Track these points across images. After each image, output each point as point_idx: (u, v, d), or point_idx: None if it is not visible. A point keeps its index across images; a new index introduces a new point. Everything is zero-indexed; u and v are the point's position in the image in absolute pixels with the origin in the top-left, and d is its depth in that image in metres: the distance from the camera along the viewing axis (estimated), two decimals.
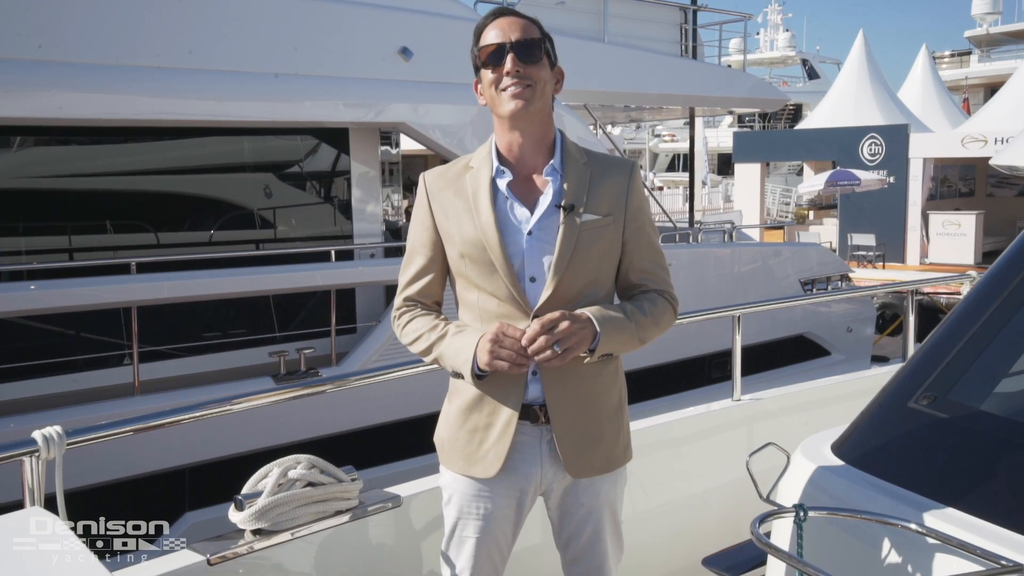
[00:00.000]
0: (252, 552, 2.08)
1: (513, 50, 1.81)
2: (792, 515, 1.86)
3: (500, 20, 1.85)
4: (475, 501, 1.91)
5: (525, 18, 1.88)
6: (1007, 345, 2.14)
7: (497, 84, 1.83)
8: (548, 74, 1.87)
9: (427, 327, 1.91)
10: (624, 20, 10.50)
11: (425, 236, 1.94)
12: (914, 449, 2.03)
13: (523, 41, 1.82)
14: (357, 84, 7.52)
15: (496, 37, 1.83)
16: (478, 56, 1.86)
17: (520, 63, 1.81)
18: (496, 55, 1.82)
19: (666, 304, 1.93)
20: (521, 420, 1.86)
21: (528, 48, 1.82)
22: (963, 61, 40.67)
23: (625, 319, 1.84)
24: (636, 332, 1.85)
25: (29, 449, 1.85)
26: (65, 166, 6.85)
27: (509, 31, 1.83)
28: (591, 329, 1.77)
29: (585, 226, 1.84)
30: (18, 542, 1.45)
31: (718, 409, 3.31)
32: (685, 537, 3.02)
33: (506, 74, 1.81)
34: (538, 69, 1.83)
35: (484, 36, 1.86)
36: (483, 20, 1.88)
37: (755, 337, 9.31)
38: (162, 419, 2.16)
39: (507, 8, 1.91)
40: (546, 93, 1.86)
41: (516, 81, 1.81)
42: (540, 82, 1.83)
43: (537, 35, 1.85)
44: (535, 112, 1.84)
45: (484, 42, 1.85)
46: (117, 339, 6.56)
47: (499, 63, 1.82)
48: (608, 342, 1.80)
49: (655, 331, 1.90)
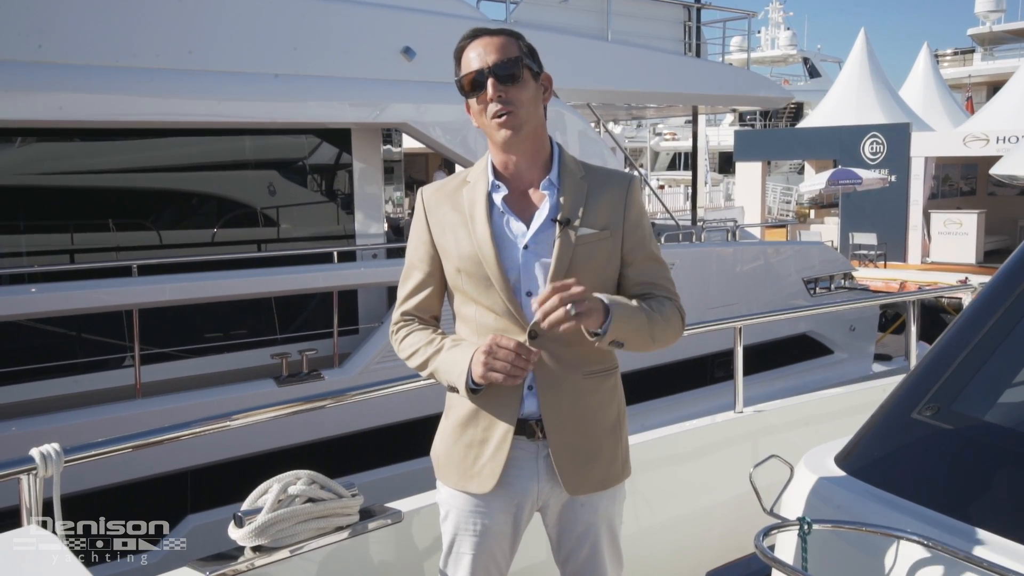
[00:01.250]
0: (252, 569, 2.08)
1: (492, 74, 1.78)
2: (796, 528, 1.85)
3: (476, 43, 1.82)
4: (471, 517, 1.90)
5: (502, 34, 1.84)
6: (1011, 355, 2.12)
7: (484, 111, 1.81)
8: (533, 90, 1.83)
9: (423, 341, 1.90)
10: (627, 18, 10.46)
11: (423, 251, 1.93)
12: (918, 460, 2.02)
13: (501, 63, 1.79)
14: (359, 84, 7.52)
15: (475, 62, 1.80)
16: (461, 84, 1.84)
17: (501, 87, 1.79)
18: (476, 82, 1.80)
19: (674, 308, 1.90)
20: (517, 435, 1.85)
21: (507, 69, 1.79)
22: (966, 59, 40.60)
23: (637, 307, 1.80)
24: (648, 325, 1.81)
25: (27, 467, 1.83)
26: (67, 164, 6.86)
27: (486, 54, 1.80)
28: (602, 305, 1.73)
29: (581, 240, 1.83)
30: (14, 562, 1.44)
31: (721, 422, 3.30)
32: (689, 551, 3.01)
33: (490, 100, 1.79)
34: (520, 90, 1.80)
35: (463, 62, 1.83)
36: (461, 43, 1.86)
37: (758, 336, 9.31)
38: (161, 435, 2.14)
39: (482, 28, 1.87)
40: (535, 111, 1.84)
41: (500, 108, 1.78)
42: (525, 103, 1.81)
43: (515, 53, 1.81)
44: (526, 134, 1.83)
45: (464, 69, 1.82)
46: (118, 341, 6.56)
47: (481, 90, 1.80)
48: (619, 325, 1.74)
49: (666, 330, 1.86)
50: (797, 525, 1.85)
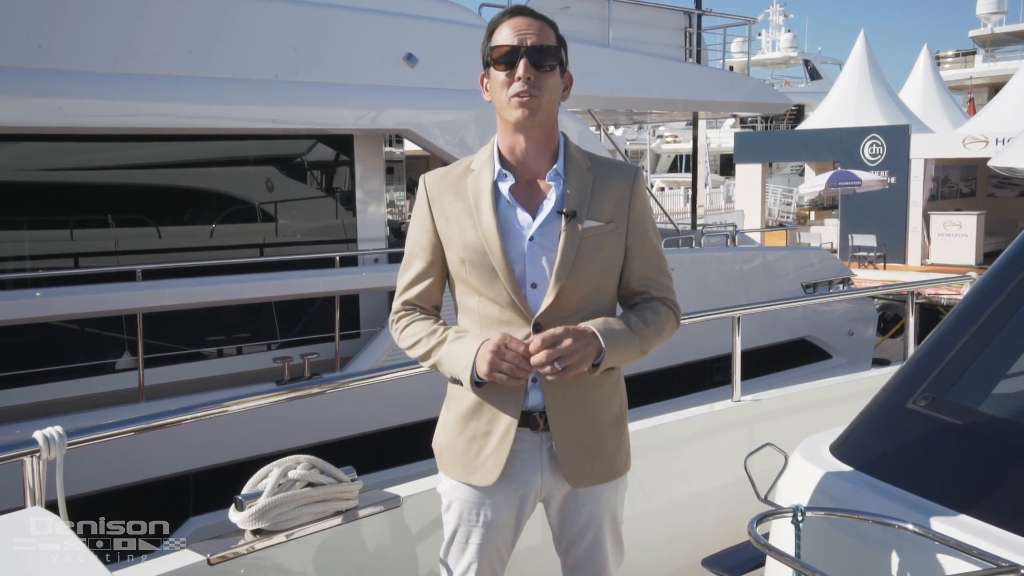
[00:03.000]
0: (252, 552, 2.09)
1: (527, 55, 1.76)
2: (790, 516, 1.86)
3: (517, 20, 1.79)
4: (475, 508, 1.89)
5: (542, 19, 1.82)
6: (1006, 346, 2.14)
7: (507, 87, 1.78)
8: (558, 81, 1.82)
9: (426, 331, 1.88)
10: (628, 25, 10.50)
11: (425, 239, 1.90)
12: (912, 450, 2.04)
13: (538, 48, 1.77)
14: (362, 90, 7.57)
15: (510, 38, 1.77)
16: (490, 54, 1.80)
17: (533, 70, 1.76)
18: (509, 57, 1.77)
19: (669, 312, 1.90)
20: (521, 427, 1.84)
21: (542, 55, 1.77)
22: (967, 61, 40.60)
23: (629, 332, 1.81)
24: (639, 344, 1.82)
25: (30, 449, 1.84)
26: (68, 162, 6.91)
27: (525, 34, 1.77)
28: (596, 345, 1.74)
29: (587, 233, 1.81)
30: (19, 542, 1.45)
31: (718, 410, 3.31)
32: (685, 538, 3.02)
33: (517, 79, 1.76)
34: (549, 77, 1.79)
35: (498, 34, 1.79)
36: (498, 16, 1.82)
37: (757, 340, 9.33)
38: (163, 419, 2.16)
39: (525, 7, 1.83)
40: (554, 101, 1.82)
41: (526, 89, 1.75)
42: (549, 91, 1.79)
43: (553, 42, 1.80)
44: (540, 121, 1.81)
45: (497, 41, 1.79)
46: (122, 345, 6.60)
47: (511, 66, 1.77)
48: (612, 357, 1.77)
49: (657, 341, 1.88)
50: (791, 513, 1.86)
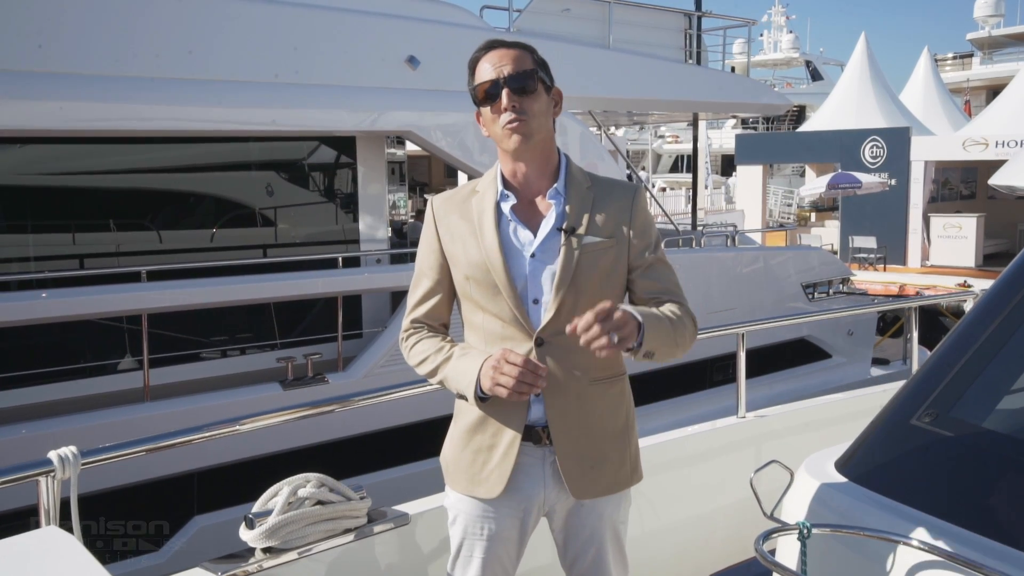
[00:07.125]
0: (262, 570, 2.11)
1: (507, 85, 1.83)
2: (796, 532, 1.88)
3: (491, 54, 1.87)
4: (479, 521, 1.93)
5: (517, 47, 1.89)
6: (1009, 362, 2.15)
7: (497, 119, 1.85)
8: (545, 102, 1.88)
9: (433, 349, 1.94)
10: (629, 27, 10.50)
11: (432, 259, 1.97)
12: (917, 466, 2.05)
13: (516, 74, 1.84)
14: (364, 92, 7.59)
15: (490, 73, 1.85)
16: (475, 92, 1.88)
17: (516, 97, 1.83)
18: (492, 90, 1.84)
19: (687, 312, 1.92)
20: (524, 441, 1.88)
21: (522, 80, 1.84)
22: (965, 63, 40.54)
23: (662, 316, 1.82)
24: (672, 333, 1.82)
25: (45, 469, 1.86)
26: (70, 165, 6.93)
27: (501, 65, 1.84)
28: (636, 322, 1.73)
29: (586, 248, 1.86)
30: (36, 562, 1.46)
31: (723, 427, 3.33)
32: (691, 555, 3.03)
33: (504, 110, 1.83)
34: (533, 100, 1.85)
35: (478, 72, 1.87)
36: (476, 53, 1.90)
37: (757, 341, 9.34)
38: (173, 439, 2.17)
39: (498, 40, 1.91)
40: (545, 122, 1.88)
41: (514, 116, 1.83)
42: (537, 114, 1.85)
43: (530, 65, 1.86)
44: (536, 143, 1.87)
45: (479, 79, 1.87)
46: (127, 345, 6.62)
47: (496, 99, 1.84)
48: (651, 337, 1.74)
49: (685, 334, 1.87)
50: (797, 529, 1.88)
